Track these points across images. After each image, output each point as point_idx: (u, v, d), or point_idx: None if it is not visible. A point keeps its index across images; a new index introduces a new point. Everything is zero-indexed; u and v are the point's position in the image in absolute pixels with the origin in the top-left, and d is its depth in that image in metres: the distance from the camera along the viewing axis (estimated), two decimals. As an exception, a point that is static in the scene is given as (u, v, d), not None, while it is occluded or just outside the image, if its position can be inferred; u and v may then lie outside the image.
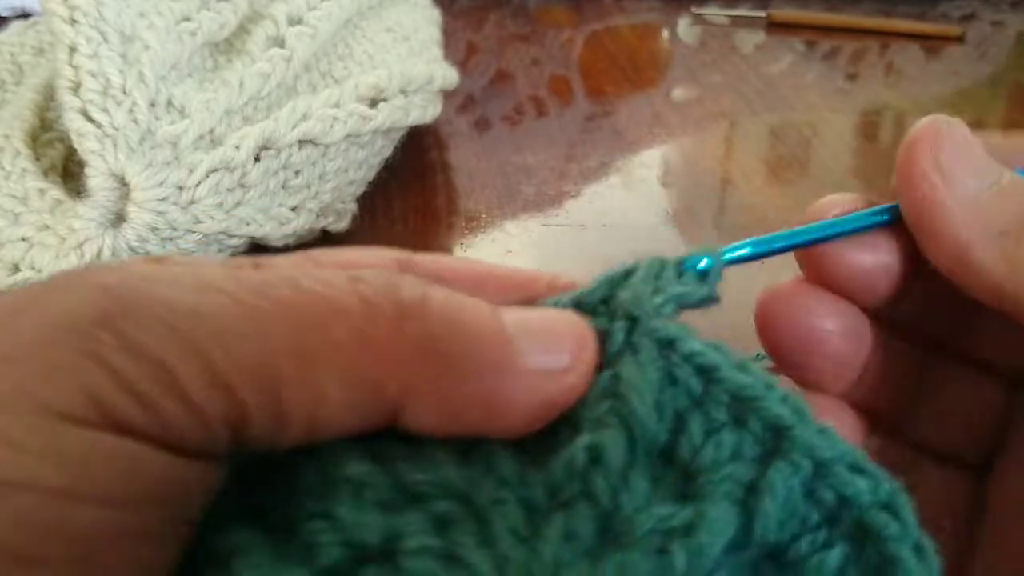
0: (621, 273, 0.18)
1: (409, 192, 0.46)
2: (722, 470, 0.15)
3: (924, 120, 0.20)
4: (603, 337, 0.17)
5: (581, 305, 0.18)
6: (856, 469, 0.16)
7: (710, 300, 0.19)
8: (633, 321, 0.17)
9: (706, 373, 0.16)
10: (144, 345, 0.12)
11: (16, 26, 0.51)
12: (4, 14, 0.61)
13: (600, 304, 0.18)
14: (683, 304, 0.18)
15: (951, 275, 0.19)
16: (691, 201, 0.46)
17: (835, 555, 0.15)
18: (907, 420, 0.22)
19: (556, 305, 0.18)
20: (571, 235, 0.42)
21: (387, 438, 0.15)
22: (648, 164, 0.49)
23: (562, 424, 0.16)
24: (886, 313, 0.22)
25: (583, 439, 0.15)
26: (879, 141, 0.53)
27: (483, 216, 0.44)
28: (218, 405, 0.13)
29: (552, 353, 0.15)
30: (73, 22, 0.35)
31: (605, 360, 0.16)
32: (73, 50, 0.34)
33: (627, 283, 0.18)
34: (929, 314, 0.22)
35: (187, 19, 0.37)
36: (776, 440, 0.16)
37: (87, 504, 0.12)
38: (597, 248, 0.41)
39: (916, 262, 0.20)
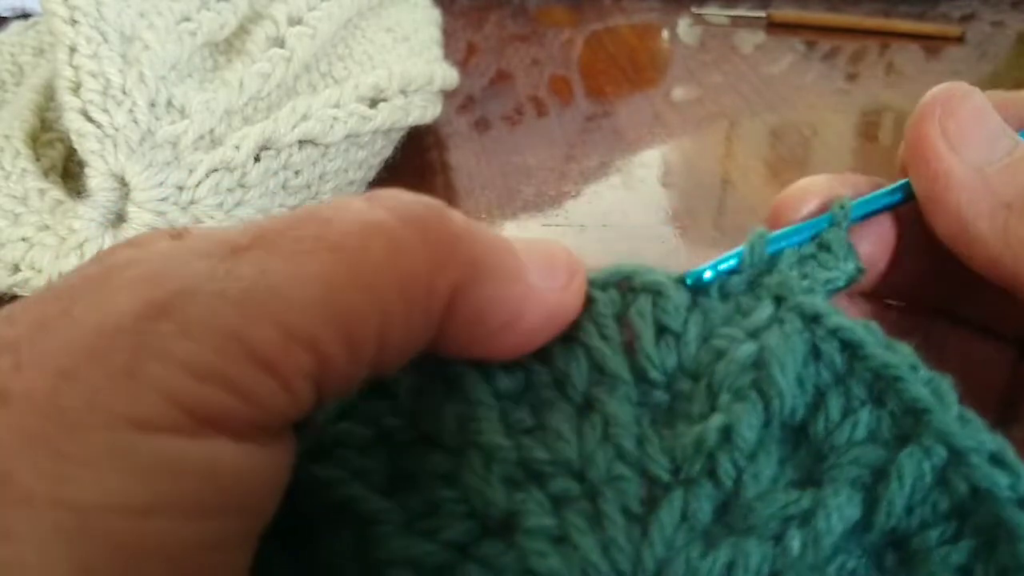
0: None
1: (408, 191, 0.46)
2: (853, 451, 0.15)
3: (937, 87, 0.19)
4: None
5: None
6: (997, 461, 0.15)
7: (858, 277, 0.19)
8: (780, 300, 0.17)
9: (851, 349, 0.16)
10: (205, 322, 0.12)
11: (16, 26, 0.51)
12: (4, 14, 0.61)
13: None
14: (831, 289, 0.18)
15: (952, 246, 0.19)
16: (691, 201, 0.46)
17: (962, 550, 0.14)
18: None
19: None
20: (571, 235, 0.42)
21: (507, 392, 0.15)
22: (648, 164, 0.49)
23: (698, 391, 0.15)
24: (878, 289, 0.21)
25: (717, 418, 0.15)
26: (879, 141, 0.53)
27: (483, 216, 0.44)
28: (298, 359, 0.12)
29: (552, 274, 0.16)
30: (73, 22, 0.35)
31: (743, 328, 0.16)
32: (73, 50, 0.34)
33: (772, 268, 0.18)
34: (928, 282, 0.22)
35: (187, 19, 0.37)
36: (913, 424, 0.15)
37: (174, 518, 0.11)
38: (597, 248, 0.41)
39: (907, 241, 0.20)
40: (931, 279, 0.21)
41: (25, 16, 0.59)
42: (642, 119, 0.53)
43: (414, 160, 0.48)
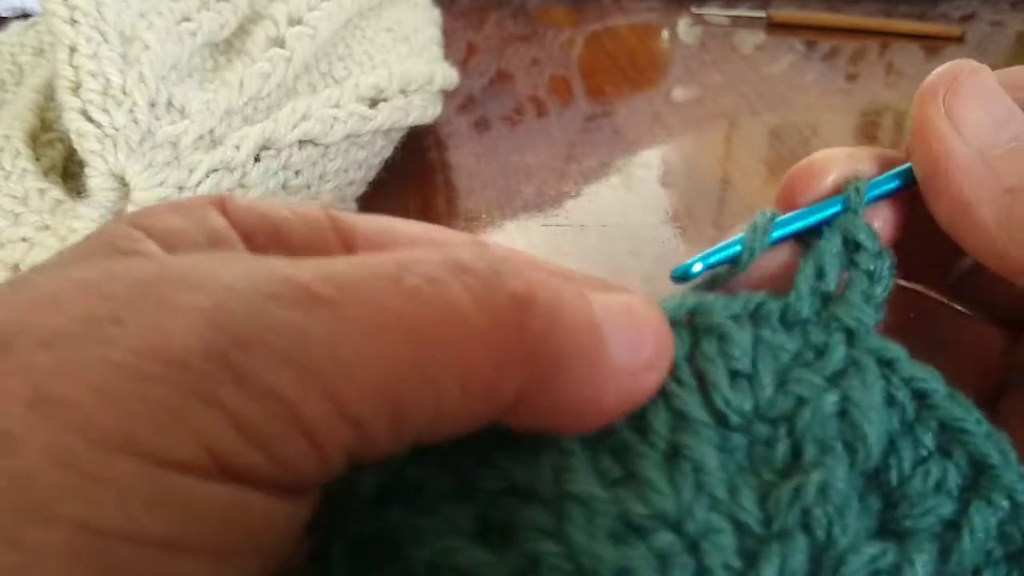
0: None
1: (409, 192, 0.46)
2: (926, 502, 0.15)
3: (944, 65, 0.18)
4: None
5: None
6: None
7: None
8: (851, 335, 0.17)
9: (922, 398, 0.16)
10: (260, 380, 0.11)
11: (16, 26, 0.51)
12: (4, 14, 0.61)
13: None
14: (884, 302, 0.18)
15: (951, 232, 0.18)
16: (691, 201, 0.46)
17: None
18: None
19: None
20: (571, 235, 0.42)
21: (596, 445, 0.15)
22: (648, 164, 0.49)
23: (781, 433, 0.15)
24: None
25: (816, 474, 0.14)
26: (879, 141, 0.53)
27: (483, 216, 0.44)
28: (342, 435, 0.12)
29: (637, 349, 0.15)
30: (73, 22, 0.35)
31: (821, 373, 0.16)
32: (73, 50, 0.34)
33: (824, 283, 0.17)
34: (924, 264, 0.21)
35: (187, 19, 0.37)
36: (977, 476, 0.16)
37: (188, 555, 0.11)
38: (597, 248, 0.41)
39: (907, 223, 0.20)
40: (928, 260, 0.21)
41: (25, 16, 0.59)
42: (642, 119, 0.53)
43: (414, 160, 0.48)
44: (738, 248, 0.18)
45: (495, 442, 0.15)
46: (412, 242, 0.17)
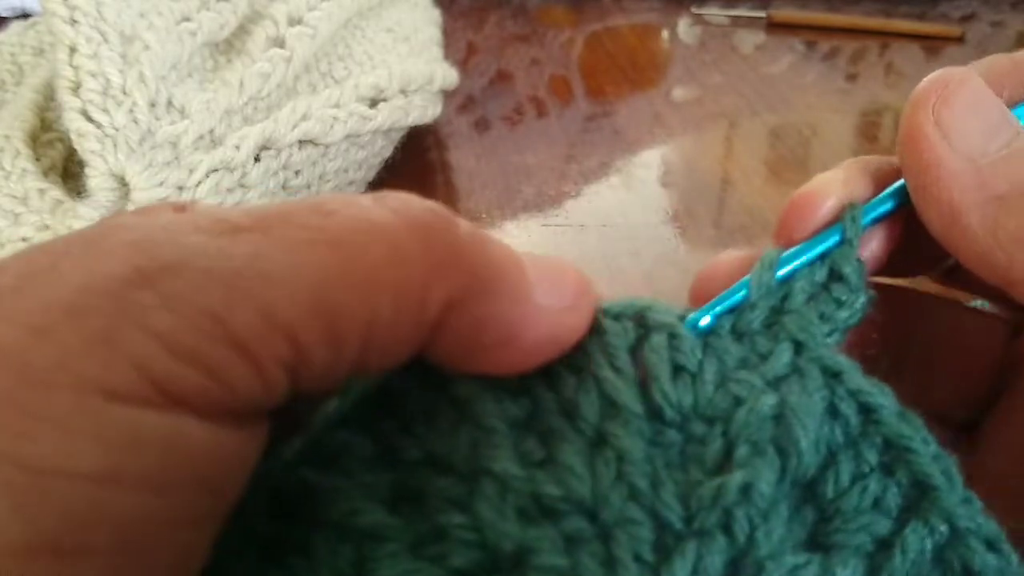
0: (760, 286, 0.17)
1: (409, 192, 0.46)
2: (860, 519, 0.15)
3: (934, 73, 0.18)
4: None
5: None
6: (991, 546, 0.15)
7: (869, 308, 0.18)
8: (799, 345, 0.16)
9: (868, 413, 0.16)
10: (188, 299, 0.12)
11: (16, 26, 0.51)
12: (4, 14, 0.61)
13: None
14: (846, 328, 0.18)
15: (942, 240, 0.18)
16: (691, 201, 0.46)
17: None
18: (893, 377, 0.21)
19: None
20: (571, 235, 0.42)
21: (517, 422, 0.15)
22: (648, 164, 0.49)
23: (714, 424, 0.15)
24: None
25: (738, 475, 0.14)
26: (879, 141, 0.53)
27: (483, 216, 0.44)
28: (276, 348, 0.12)
29: (559, 290, 0.15)
30: (73, 22, 0.35)
31: (762, 376, 0.16)
32: (73, 50, 0.34)
33: (788, 302, 0.17)
34: (923, 264, 0.21)
35: (187, 19, 0.37)
36: (919, 498, 0.15)
37: (130, 489, 0.11)
38: (597, 248, 0.41)
39: (906, 229, 0.19)
40: (927, 261, 0.21)
41: (25, 16, 0.59)
42: (642, 119, 0.53)
43: (414, 160, 0.48)
44: (744, 292, 0.18)
45: (418, 414, 0.15)
46: None
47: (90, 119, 0.34)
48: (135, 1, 0.36)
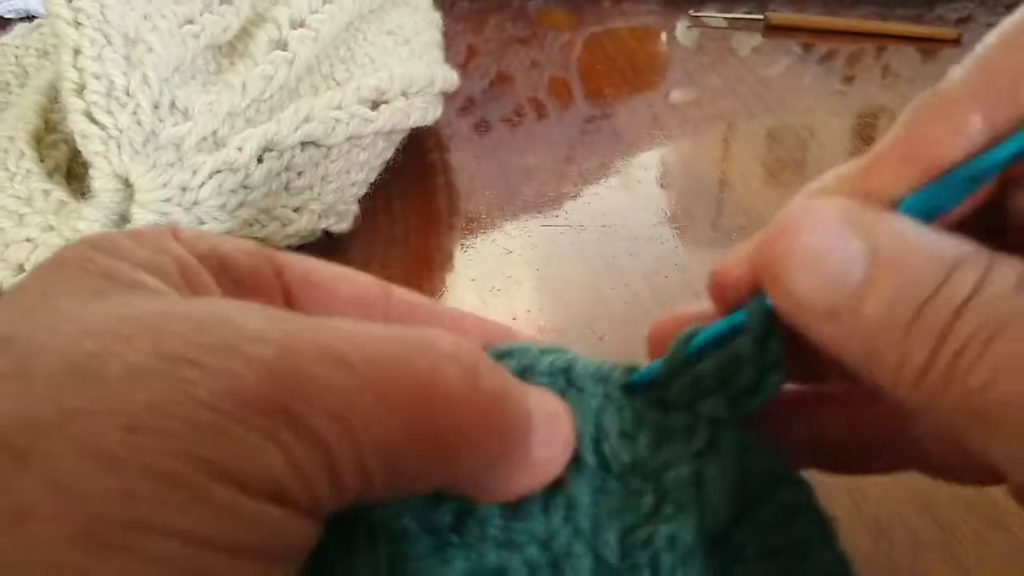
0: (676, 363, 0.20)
1: (410, 193, 0.46)
2: (764, 563, 0.18)
3: (788, 211, 0.16)
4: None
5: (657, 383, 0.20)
6: None
7: (781, 385, 0.19)
8: (714, 423, 0.19)
9: (771, 479, 0.19)
10: (313, 430, 0.14)
11: (20, 28, 0.52)
12: (8, 16, 0.62)
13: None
14: (758, 406, 0.19)
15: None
16: (689, 202, 0.46)
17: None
18: None
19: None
20: (570, 236, 0.43)
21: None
22: (647, 166, 0.50)
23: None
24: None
25: (664, 528, 0.18)
26: (875, 143, 0.53)
27: (483, 217, 0.44)
28: (356, 479, 0.14)
29: (553, 446, 0.18)
30: (77, 24, 0.35)
31: (687, 447, 0.19)
32: (77, 52, 0.35)
33: (702, 383, 0.19)
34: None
35: (190, 22, 0.38)
36: (804, 554, 0.18)
37: (225, 554, 0.13)
38: (596, 249, 0.42)
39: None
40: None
41: (29, 18, 0.59)
42: (641, 121, 0.54)
43: (415, 161, 0.48)
44: (657, 368, 0.20)
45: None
46: (329, 282, 0.20)
47: (94, 121, 0.34)
48: (138, 4, 0.36)
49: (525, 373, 0.19)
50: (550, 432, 0.18)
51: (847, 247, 0.16)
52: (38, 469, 0.12)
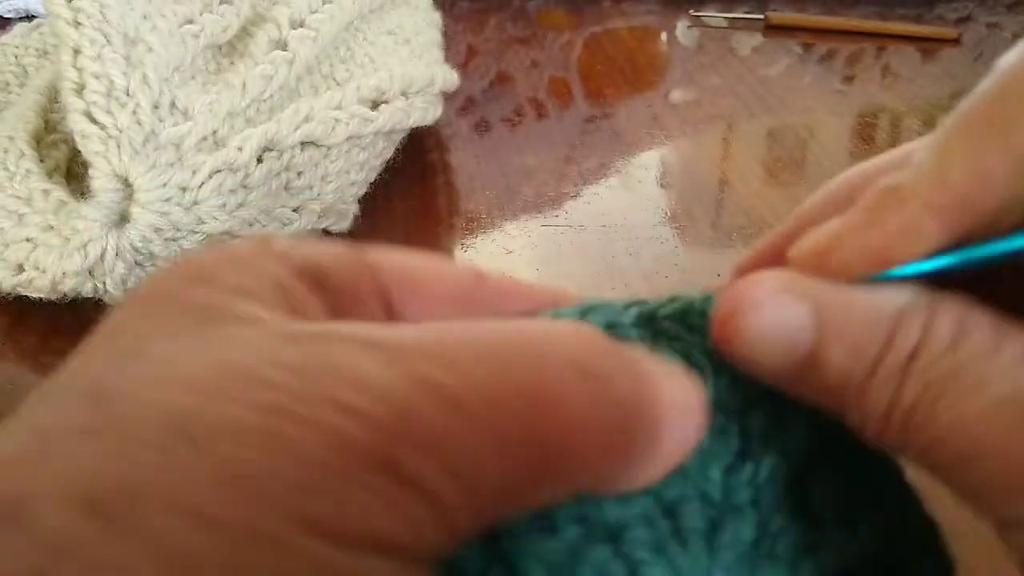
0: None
1: (410, 193, 0.46)
2: None
3: (732, 288, 0.17)
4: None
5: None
6: None
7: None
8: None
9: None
10: (423, 482, 0.13)
11: (20, 28, 0.52)
12: (8, 16, 0.62)
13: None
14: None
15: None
16: (689, 202, 0.46)
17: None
18: None
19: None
20: (570, 235, 0.43)
21: None
22: (647, 165, 0.50)
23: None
24: None
25: (766, 463, 0.17)
26: (875, 143, 0.53)
27: (483, 217, 0.44)
28: (472, 524, 0.14)
29: (684, 442, 0.16)
30: (77, 24, 0.35)
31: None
32: (77, 52, 0.35)
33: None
34: None
35: (190, 22, 0.38)
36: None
37: None
38: (596, 248, 0.42)
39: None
40: None
41: (29, 18, 0.59)
42: (641, 121, 0.54)
43: (415, 161, 0.48)
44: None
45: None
46: (433, 280, 0.19)
47: (94, 120, 0.34)
48: (138, 3, 0.36)
49: (613, 329, 0.18)
50: (682, 428, 0.16)
51: (791, 315, 0.16)
52: (137, 532, 0.12)
